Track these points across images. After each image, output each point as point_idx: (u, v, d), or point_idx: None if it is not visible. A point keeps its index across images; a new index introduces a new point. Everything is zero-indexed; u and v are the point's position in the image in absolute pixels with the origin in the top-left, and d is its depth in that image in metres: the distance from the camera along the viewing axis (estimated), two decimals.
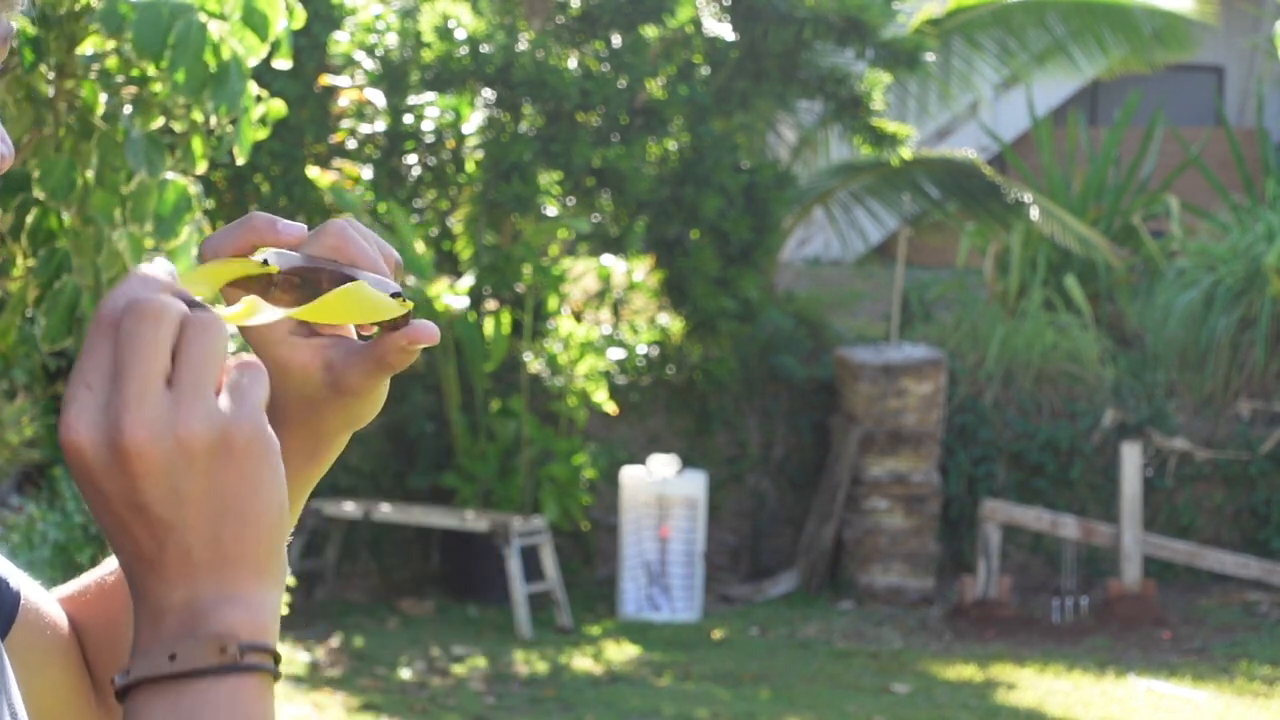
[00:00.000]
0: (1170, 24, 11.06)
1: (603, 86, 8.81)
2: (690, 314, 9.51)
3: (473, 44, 8.83)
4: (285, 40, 4.01)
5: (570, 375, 9.11)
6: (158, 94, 4.01)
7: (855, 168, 10.89)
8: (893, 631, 8.64)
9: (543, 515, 8.68)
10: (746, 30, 9.26)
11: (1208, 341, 10.14)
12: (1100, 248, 10.33)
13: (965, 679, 7.59)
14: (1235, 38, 15.13)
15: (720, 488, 9.70)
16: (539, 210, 8.96)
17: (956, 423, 9.90)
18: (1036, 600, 9.33)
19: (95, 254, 4.28)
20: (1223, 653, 8.21)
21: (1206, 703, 7.18)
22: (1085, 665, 7.90)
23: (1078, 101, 14.96)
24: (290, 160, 8.96)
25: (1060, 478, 9.95)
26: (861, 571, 9.41)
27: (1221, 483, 9.98)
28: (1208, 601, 9.33)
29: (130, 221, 4.25)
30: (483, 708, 6.80)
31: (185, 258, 4.44)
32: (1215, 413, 10.12)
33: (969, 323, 10.43)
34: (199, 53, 3.61)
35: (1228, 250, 10.47)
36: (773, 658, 7.93)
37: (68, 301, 4.45)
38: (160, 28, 3.65)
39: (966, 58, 11.25)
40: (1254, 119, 14.55)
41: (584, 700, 6.95)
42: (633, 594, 8.87)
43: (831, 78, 9.42)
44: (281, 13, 3.65)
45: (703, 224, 9.28)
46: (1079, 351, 10.14)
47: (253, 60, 3.82)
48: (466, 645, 7.89)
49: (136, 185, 4.17)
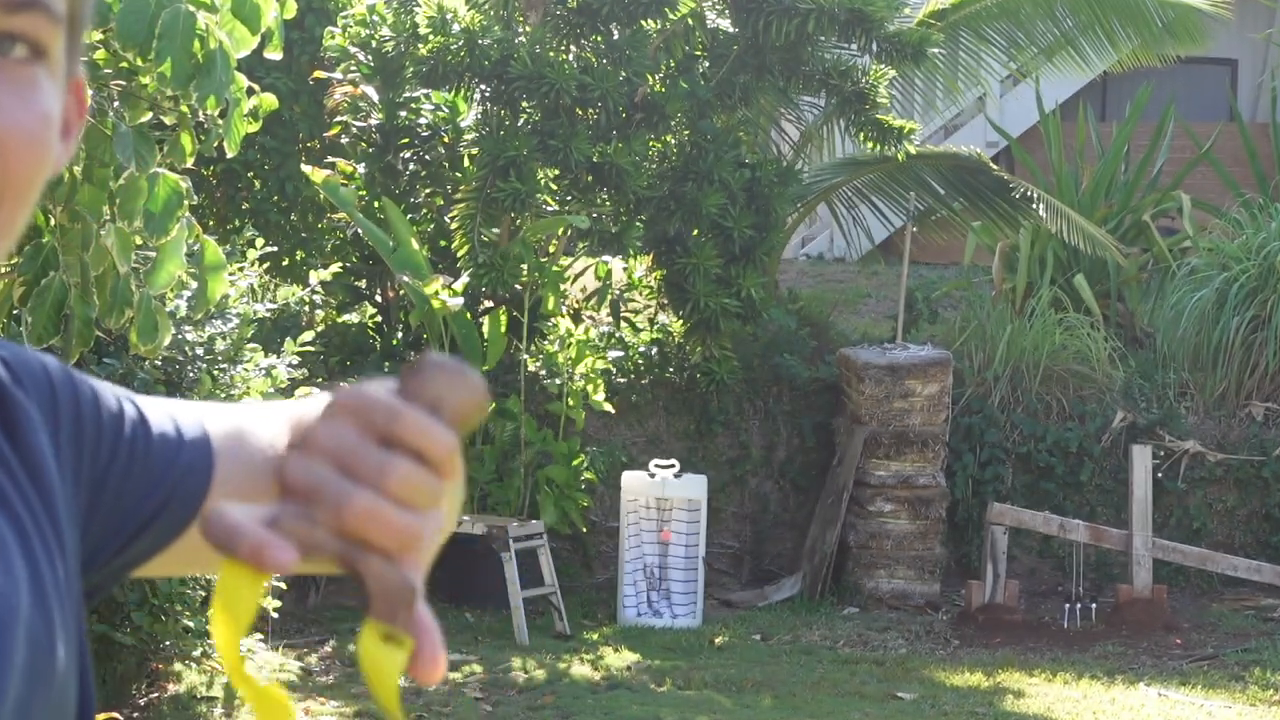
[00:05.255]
0: (1182, 17, 10.95)
1: (602, 81, 8.71)
2: (691, 313, 9.42)
3: (469, 38, 8.73)
4: (277, 32, 3.86)
5: (569, 375, 9.04)
6: (146, 87, 3.86)
7: (859, 164, 10.82)
8: (898, 637, 8.57)
9: (540, 519, 8.64)
10: (748, 23, 9.16)
11: (1220, 341, 10.06)
12: (1108, 247, 10.24)
13: (972, 686, 7.51)
14: (1248, 31, 15.00)
15: (721, 490, 9.63)
16: (537, 207, 8.87)
17: (963, 424, 9.81)
18: (1045, 605, 9.25)
19: (83, 250, 4.12)
20: (1235, 659, 8.13)
21: (1219, 711, 7.09)
22: (1095, 672, 7.82)
23: (1087, 96, 14.81)
24: (283, 156, 8.88)
25: (1069, 480, 9.88)
26: (866, 576, 9.34)
27: (1234, 485, 9.90)
28: (1220, 607, 9.26)
29: (119, 218, 4.09)
30: (479, 715, 6.73)
31: (176, 255, 4.29)
32: (1227, 414, 10.04)
33: (975, 322, 10.37)
34: (186, 43, 3.46)
35: (1240, 248, 10.40)
36: (775, 664, 7.86)
37: (55, 299, 4.28)
38: (146, 18, 3.49)
39: (973, 51, 11.15)
40: (1268, 114, 14.44)
41: (583, 708, 6.87)
42: (632, 599, 8.80)
43: (835, 72, 9.34)
44: (273, 4, 3.51)
45: (704, 221, 9.20)
46: (1088, 352, 10.06)
47: (243, 52, 3.68)
48: (463, 651, 7.82)
49: (125, 180, 4.00)
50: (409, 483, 0.82)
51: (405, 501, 0.82)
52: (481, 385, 0.86)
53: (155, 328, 4.21)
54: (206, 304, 4.50)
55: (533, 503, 8.91)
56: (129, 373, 5.75)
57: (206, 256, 4.33)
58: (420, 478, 0.82)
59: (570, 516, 8.93)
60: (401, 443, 0.82)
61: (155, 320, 4.18)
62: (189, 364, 6.14)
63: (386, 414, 0.82)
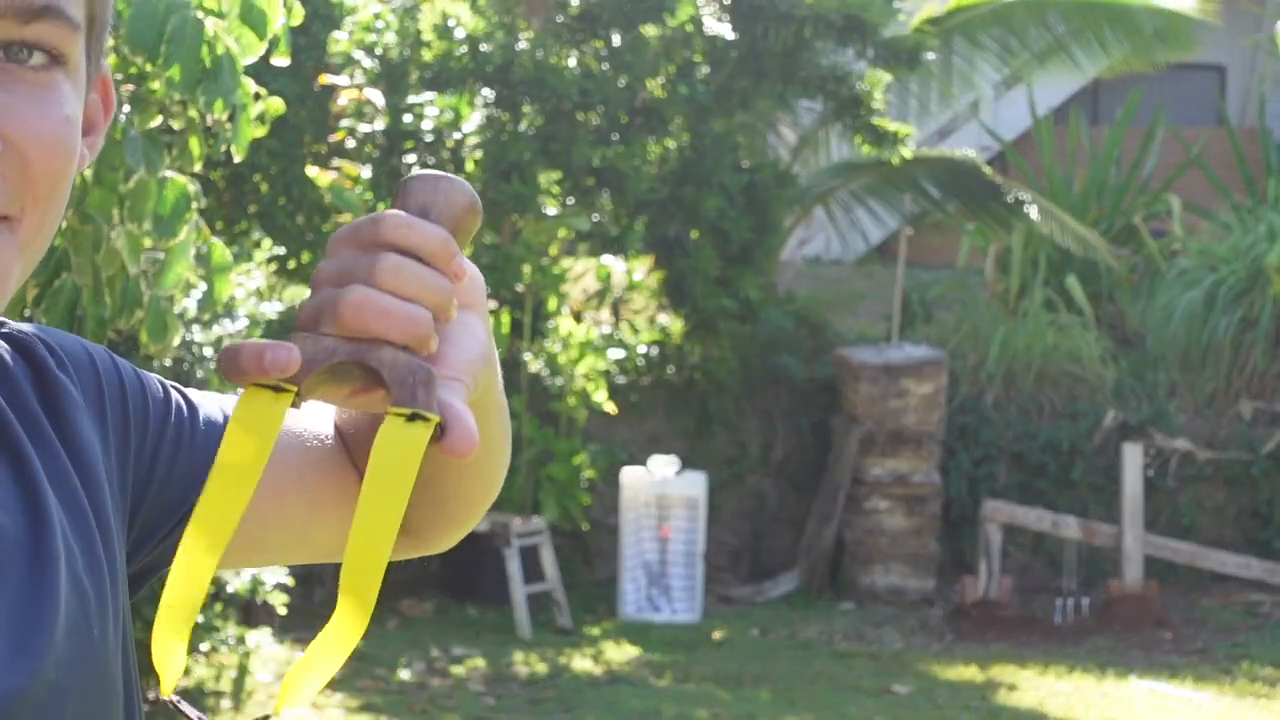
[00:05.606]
0: (1172, 23, 11.04)
1: (602, 86, 8.79)
2: (690, 314, 9.49)
3: (472, 43, 8.82)
4: (283, 38, 3.99)
5: (570, 375, 9.09)
6: (155, 92, 3.99)
7: (856, 167, 10.88)
8: (893, 632, 8.62)
9: (542, 516, 8.68)
10: (747, 29, 9.24)
11: (1209, 341, 10.12)
12: (1099, 248, 10.31)
13: (966, 680, 7.57)
14: (1237, 37, 15.10)
15: (720, 488, 9.68)
16: (539, 210, 8.94)
17: (957, 423, 9.88)
18: (1038, 601, 9.30)
19: (94, 253, 4.26)
20: (1225, 654, 8.19)
21: (1208, 704, 7.15)
22: (1086, 666, 7.88)
23: (1079, 101, 14.93)
24: (289, 159, 8.94)
25: (1061, 478, 9.93)
26: (862, 572, 9.39)
27: (1223, 483, 9.96)
28: (1209, 602, 9.31)
29: (129, 220, 4.23)
30: (482, 708, 6.78)
31: (184, 257, 4.42)
32: (1217, 413, 10.10)
33: (970, 323, 10.41)
34: (194, 48, 3.58)
35: (1229, 250, 10.45)
36: (773, 659, 7.91)
37: (67, 301, 4.43)
38: (155, 23, 3.62)
39: (967, 57, 11.23)
40: (1256, 118, 14.52)
41: (584, 701, 6.93)
42: (633, 595, 8.85)
43: (832, 77, 9.40)
44: (280, 10, 3.63)
45: (703, 224, 9.26)
46: (1080, 352, 10.12)
47: (250, 58, 3.80)
48: (466, 646, 7.87)
49: (135, 184, 4.14)
50: (400, 273, 0.83)
51: (400, 291, 0.83)
52: (469, 190, 0.87)
53: (165, 328, 4.33)
54: (214, 305, 4.62)
55: (535, 500, 8.96)
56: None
57: (214, 258, 4.45)
58: (412, 268, 0.83)
59: (572, 513, 8.98)
60: (388, 243, 0.83)
61: (165, 320, 4.30)
62: (197, 364, 6.19)
63: (371, 225, 0.84)
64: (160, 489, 0.99)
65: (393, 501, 0.81)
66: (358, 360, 0.82)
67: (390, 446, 0.80)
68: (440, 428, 0.81)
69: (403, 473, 0.81)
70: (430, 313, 0.84)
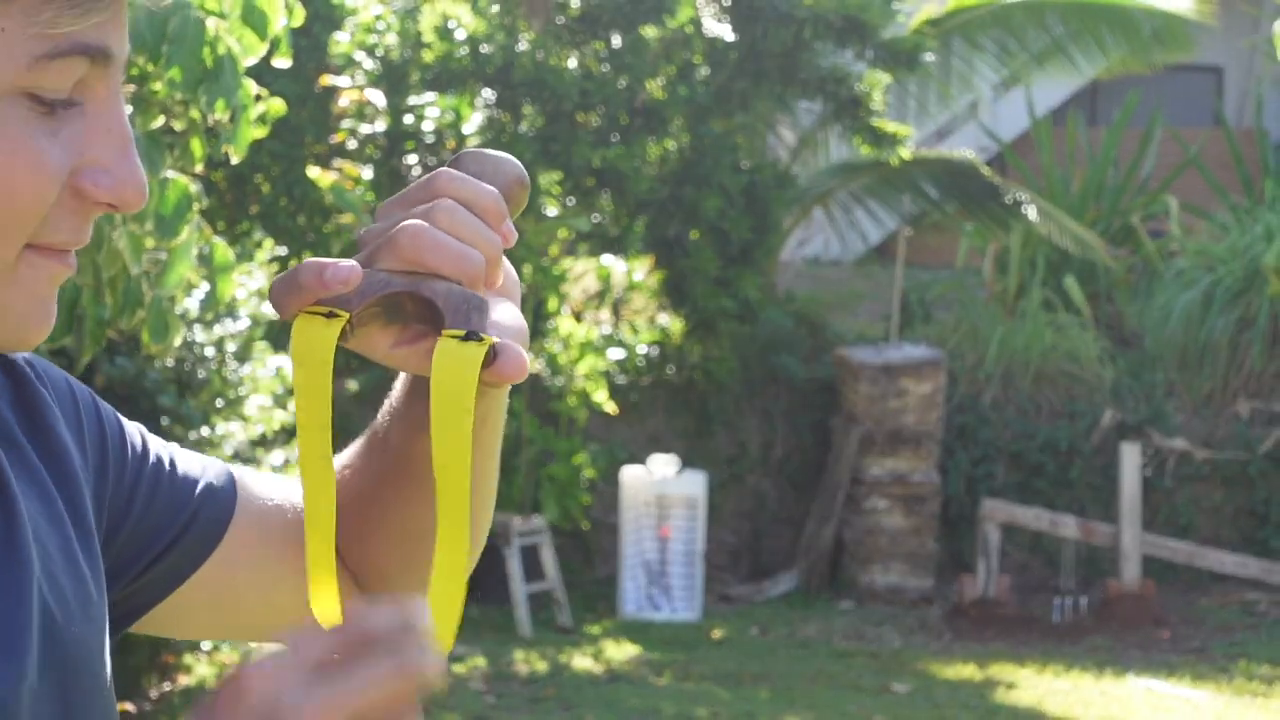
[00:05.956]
0: (1169, 24, 11.07)
1: (603, 87, 8.82)
2: (690, 314, 9.51)
3: (473, 44, 8.84)
4: (285, 39, 4.01)
5: (570, 375, 9.11)
6: (157, 92, 4.01)
7: (855, 168, 10.90)
8: (892, 631, 8.64)
9: (543, 515, 8.69)
10: (746, 30, 9.27)
11: (1206, 341, 10.14)
12: (1097, 249, 10.34)
13: (965, 678, 7.59)
14: (1234, 38, 15.12)
15: (720, 488, 9.70)
16: (539, 210, 8.96)
17: (956, 423, 9.91)
18: (1036, 600, 9.32)
19: (95, 252, 4.28)
20: (1221, 652, 8.21)
21: (1205, 702, 7.18)
22: (1084, 665, 7.90)
23: (1077, 102, 14.96)
24: (290, 160, 8.96)
25: (1059, 477, 9.96)
26: (861, 571, 9.41)
27: (1220, 482, 9.98)
28: (1207, 601, 9.33)
29: (130, 220, 4.26)
30: (483, 707, 6.80)
31: (186, 257, 4.45)
32: (1214, 413, 10.12)
33: (968, 323, 10.43)
34: (195, 49, 3.60)
35: (1226, 250, 10.48)
36: (773, 657, 7.93)
37: (67, 300, 4.45)
38: (156, 23, 3.65)
39: (966, 58, 11.25)
40: (1253, 119, 14.55)
41: (584, 699, 6.95)
42: (633, 594, 8.87)
43: (831, 78, 9.42)
44: (281, 11, 3.65)
45: (702, 224, 9.28)
46: (1078, 352, 10.14)
47: (252, 59, 3.83)
48: (466, 645, 7.89)
49: None
50: (454, 215, 0.84)
51: (455, 233, 0.84)
52: (519, 165, 0.90)
53: (166, 328, 4.35)
54: (216, 304, 4.64)
55: (535, 499, 8.98)
56: (140, 373, 5.72)
57: (216, 258, 4.48)
58: (466, 214, 0.85)
59: (572, 513, 9.00)
60: (443, 194, 0.86)
61: (166, 320, 4.32)
62: (199, 363, 6.16)
63: (423, 183, 0.87)
64: (136, 524, 0.98)
65: (461, 416, 0.81)
66: (412, 291, 0.83)
67: (449, 362, 0.81)
68: (493, 350, 0.82)
69: (464, 387, 0.81)
70: (479, 252, 0.85)
